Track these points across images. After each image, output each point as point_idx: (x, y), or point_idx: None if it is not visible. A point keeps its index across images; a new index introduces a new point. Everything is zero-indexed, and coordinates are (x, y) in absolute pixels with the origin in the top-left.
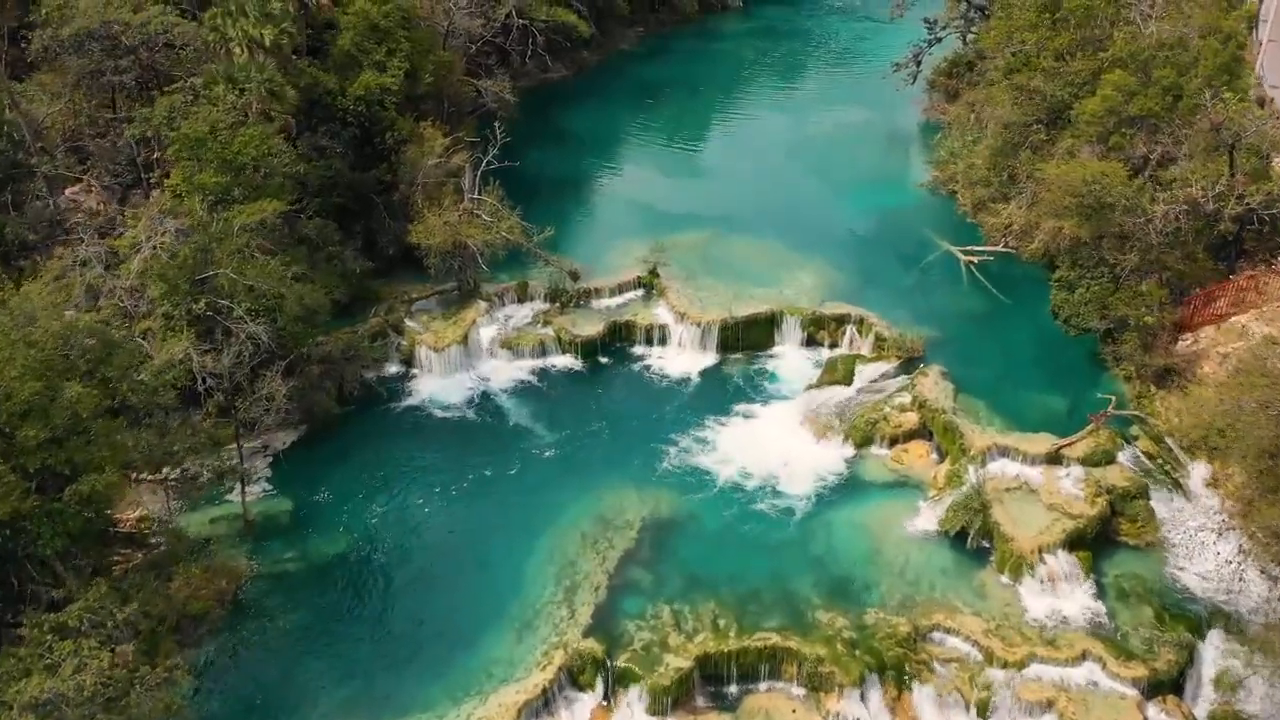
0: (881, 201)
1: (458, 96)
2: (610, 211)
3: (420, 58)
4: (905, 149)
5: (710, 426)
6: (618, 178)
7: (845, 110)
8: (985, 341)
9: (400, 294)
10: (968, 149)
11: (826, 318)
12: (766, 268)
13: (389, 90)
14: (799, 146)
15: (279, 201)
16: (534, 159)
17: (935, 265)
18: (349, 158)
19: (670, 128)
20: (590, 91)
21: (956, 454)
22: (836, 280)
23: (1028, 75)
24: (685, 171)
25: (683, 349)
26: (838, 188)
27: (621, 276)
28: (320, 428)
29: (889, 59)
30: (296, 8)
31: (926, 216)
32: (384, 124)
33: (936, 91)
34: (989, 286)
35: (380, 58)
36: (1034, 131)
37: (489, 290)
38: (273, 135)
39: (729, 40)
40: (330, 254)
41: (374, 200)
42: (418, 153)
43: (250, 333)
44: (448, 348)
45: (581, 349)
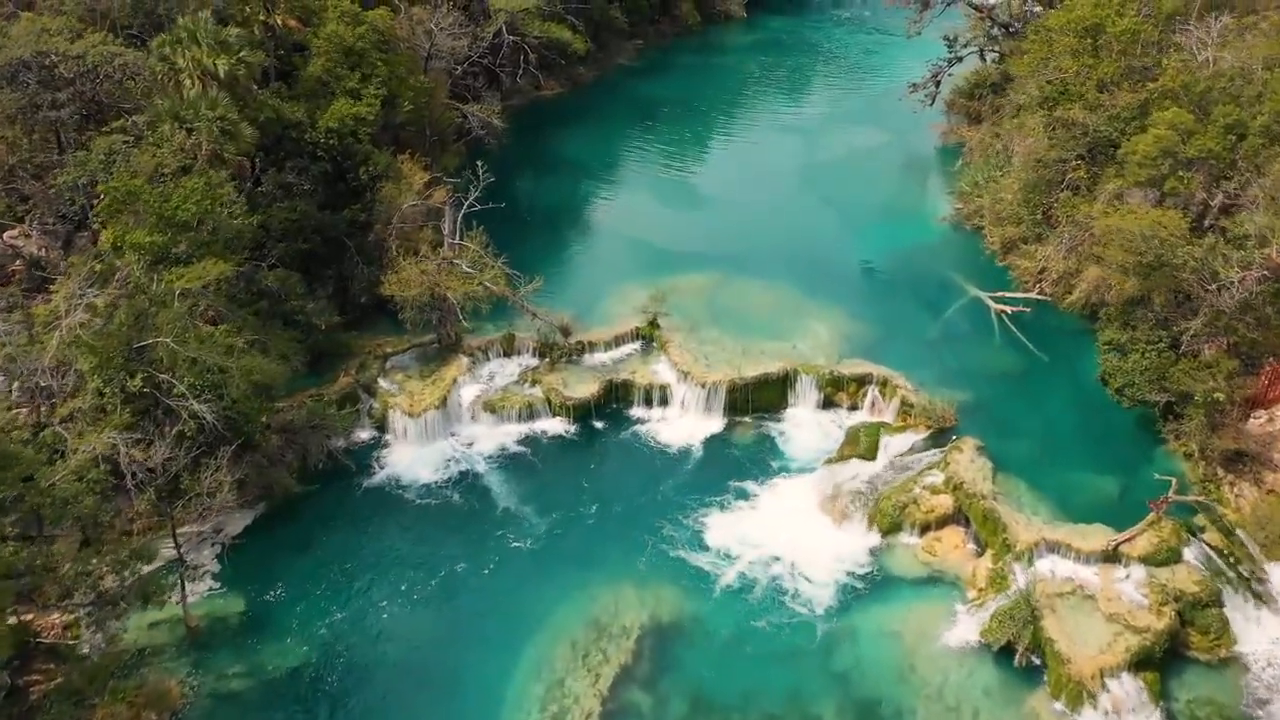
0: (900, 238)
1: (441, 123)
2: (606, 249)
3: (399, 84)
4: (923, 177)
5: (717, 507)
6: (614, 209)
7: (857, 132)
8: (1023, 407)
9: (374, 348)
10: (993, 180)
11: (845, 378)
12: (777, 316)
13: (363, 120)
14: (809, 173)
15: (225, 263)
16: (524, 188)
17: (963, 313)
18: (318, 196)
19: (670, 151)
20: (586, 110)
21: (999, 549)
22: (854, 331)
23: (1066, 106)
24: (687, 202)
25: (686, 411)
26: (852, 221)
27: (618, 327)
28: (281, 506)
29: (901, 76)
30: (262, 31)
31: (950, 256)
32: (358, 157)
33: (956, 113)
34: (1024, 340)
35: (354, 85)
36: (1073, 168)
37: (472, 343)
38: (222, 184)
39: (732, 54)
40: (293, 309)
41: (346, 243)
42: (394, 190)
43: (193, 412)
44: (425, 413)
45: (573, 412)
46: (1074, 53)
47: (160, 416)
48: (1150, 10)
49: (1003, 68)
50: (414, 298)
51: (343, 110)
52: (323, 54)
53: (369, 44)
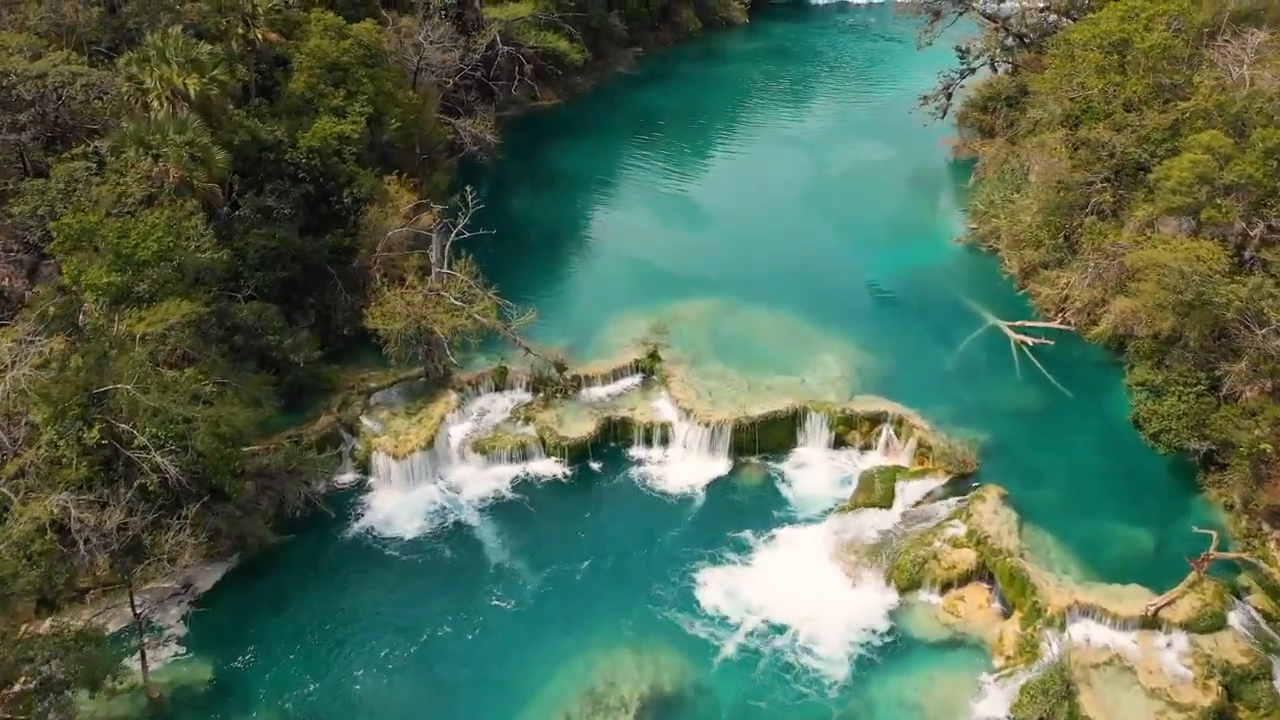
0: (912, 260)
1: (431, 140)
2: (604, 273)
3: (385, 100)
4: (934, 193)
5: (722, 562)
6: (612, 228)
7: (864, 145)
8: (1048, 449)
9: (357, 382)
10: (1008, 199)
11: (858, 416)
12: (784, 347)
13: (348, 139)
14: (815, 189)
15: (190, 303)
16: (518, 206)
17: (981, 344)
18: (299, 220)
19: (671, 165)
20: (583, 122)
21: (1029, 613)
22: (866, 364)
23: (1091, 126)
24: (688, 220)
25: (688, 452)
26: (861, 242)
27: (617, 360)
28: (255, 558)
29: (909, 85)
30: (241, 45)
31: (966, 280)
32: (341, 179)
33: (968, 127)
34: (1046, 374)
35: (339, 101)
36: (1098, 191)
37: (461, 378)
38: (189, 216)
39: (734, 62)
40: (269, 344)
41: (328, 271)
42: (379, 214)
43: (156, 465)
44: (410, 455)
45: (569, 453)
46: (1099, 69)
47: (120, 470)
48: (1181, 24)
49: (1018, 80)
50: (398, 332)
51: (325, 129)
52: (305, 70)
53: (354, 59)
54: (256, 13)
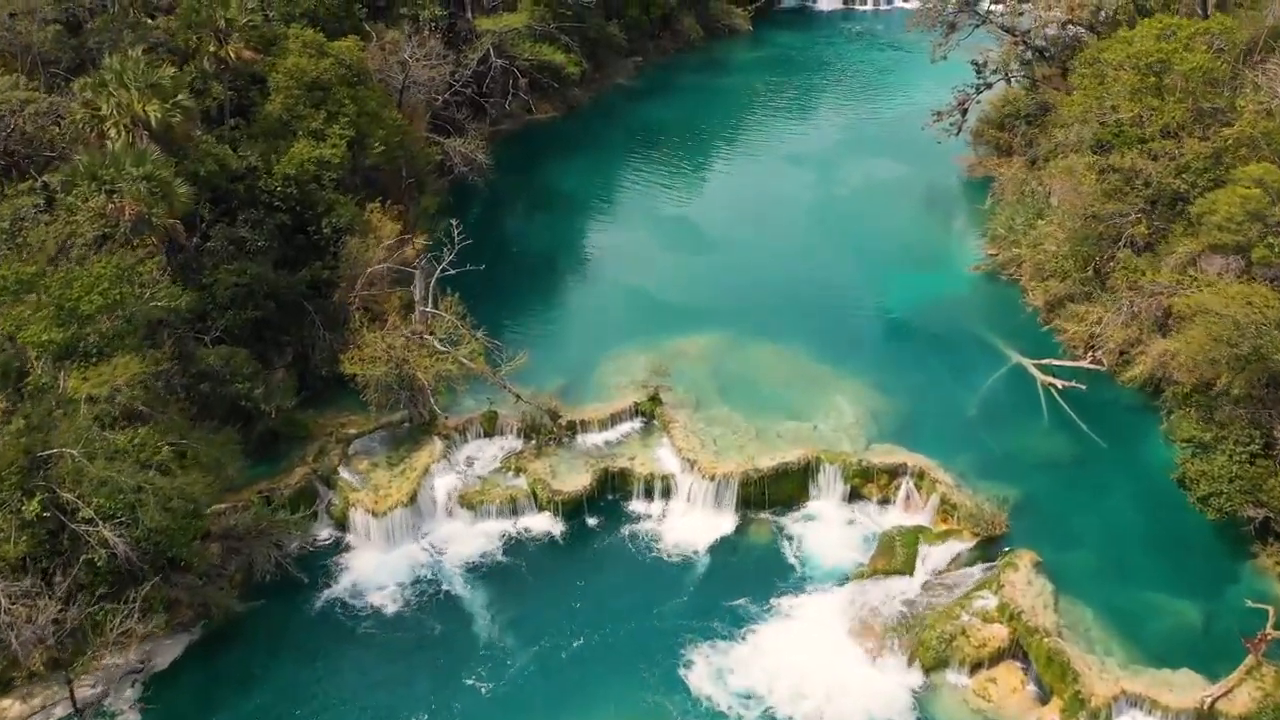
0: (928, 289)
1: (419, 161)
2: (600, 305)
3: (368, 121)
4: (949, 216)
5: (724, 637)
6: (610, 256)
7: (874, 163)
8: (1083, 507)
9: (336, 428)
10: (1030, 224)
11: (875, 468)
12: (794, 388)
13: (328, 165)
14: (823, 210)
15: (139, 363)
16: (510, 230)
17: (1005, 385)
18: (275, 252)
19: (671, 185)
20: (581, 138)
21: (1070, 703)
22: (882, 407)
23: (1123, 152)
24: (690, 245)
25: (692, 506)
26: (873, 268)
27: (615, 403)
28: (220, 628)
29: (919, 97)
30: (213, 64)
31: (986, 313)
32: (320, 207)
33: (983, 144)
34: (1076, 419)
35: (318, 124)
36: (1132, 223)
37: (447, 423)
38: (142, 260)
39: (737, 73)
40: (239, 392)
41: (305, 307)
42: (360, 246)
43: (103, 540)
44: (391, 511)
45: (563, 507)
46: (1134, 92)
47: (66, 544)
48: (1223, 43)
49: (1038, 97)
50: (378, 378)
51: (303, 154)
52: (283, 90)
53: (335, 78)
54: (230, 29)
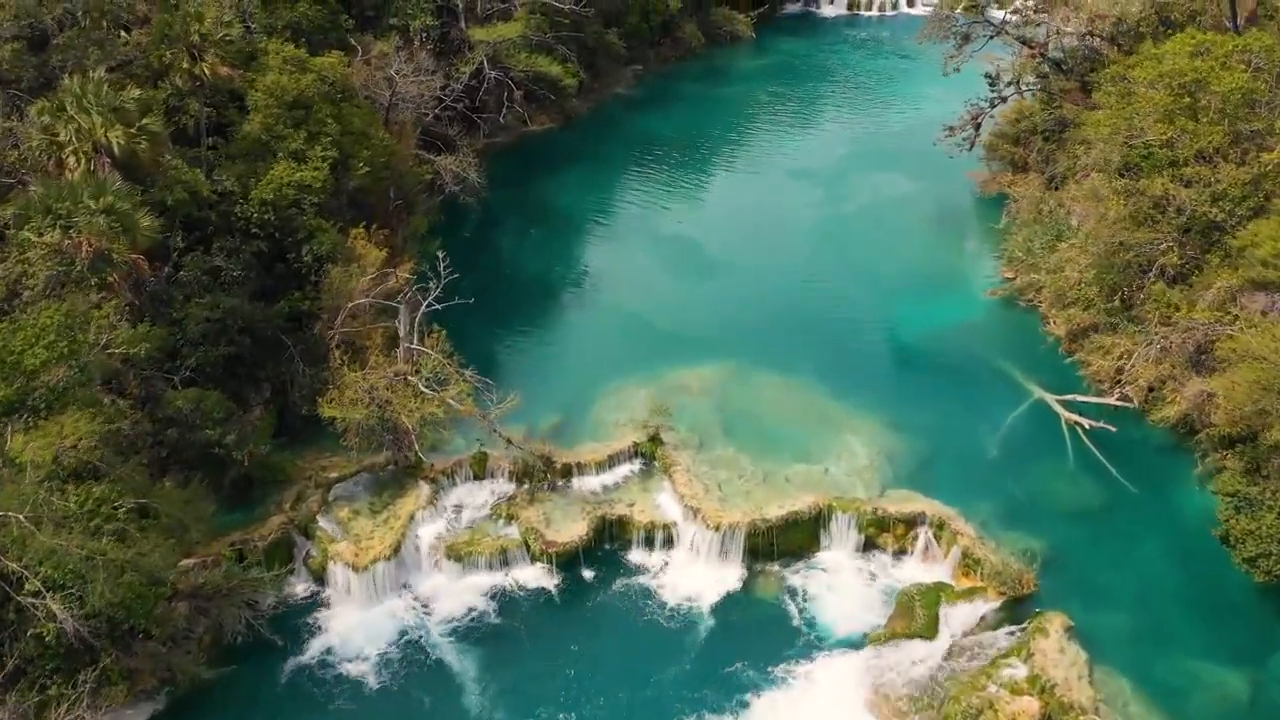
0: (942, 315)
1: (407, 181)
2: (597, 333)
3: (353, 142)
4: (962, 235)
5: (734, 705)
6: (607, 280)
7: (883, 178)
8: (1115, 562)
9: (315, 471)
10: (1049, 246)
11: (891, 517)
12: (803, 426)
13: (308, 188)
14: (831, 229)
15: (89, 422)
16: (502, 252)
17: (1027, 422)
18: (252, 282)
19: (672, 202)
20: (578, 151)
21: None
22: (897, 448)
23: (1154, 177)
24: (691, 267)
25: (695, 557)
26: (883, 292)
27: (613, 443)
28: (186, 696)
29: (929, 108)
30: (187, 81)
31: (1004, 342)
32: (300, 234)
33: (997, 160)
34: (1104, 461)
35: (299, 145)
36: (1164, 253)
37: (434, 465)
38: (97, 306)
39: (739, 82)
40: (209, 439)
41: (284, 341)
42: (342, 276)
43: (50, 613)
44: (373, 565)
45: (557, 559)
46: (1166, 114)
47: (12, 617)
48: (1262, 61)
49: (1056, 112)
50: (359, 422)
51: (283, 177)
52: (261, 109)
53: (317, 96)
54: (205, 44)
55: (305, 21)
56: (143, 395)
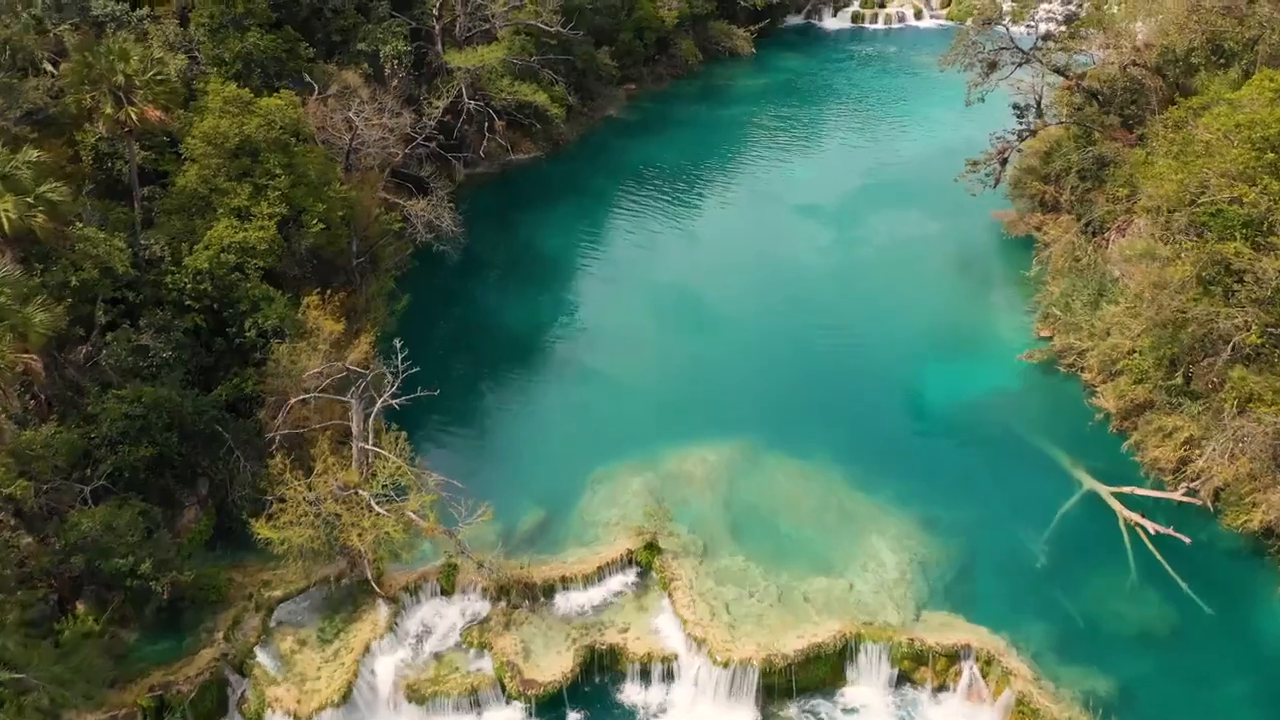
0: (972, 381)
1: (371, 233)
2: (585, 406)
3: (307, 193)
4: (989, 282)
5: None
6: (597, 339)
7: (899, 215)
8: (1193, 708)
9: (257, 587)
10: (1090, 302)
11: (930, 650)
12: (822, 526)
13: (252, 252)
14: (845, 277)
15: None
16: (478, 308)
17: (1079, 518)
18: (185, 364)
19: (669, 243)
20: (566, 183)
21: None
22: (931, 554)
23: (1227, 242)
24: (691, 322)
25: (701, 694)
26: (906, 353)
27: (603, 551)
28: None
29: (944, 134)
30: (112, 128)
31: (1044, 415)
32: (243, 305)
33: (1024, 197)
34: (1171, 571)
35: (242, 201)
36: (1240, 329)
37: (395, 579)
38: None
39: (739, 103)
40: (120, 569)
41: (221, 434)
42: (290, 354)
43: None
44: (318, 713)
45: (538, 700)
46: (1246, 174)
47: None
48: None
49: (1094, 149)
50: (302, 546)
51: (223, 238)
52: (199, 159)
53: (264, 142)
54: (132, 85)
55: (257, 52)
56: (45, 511)
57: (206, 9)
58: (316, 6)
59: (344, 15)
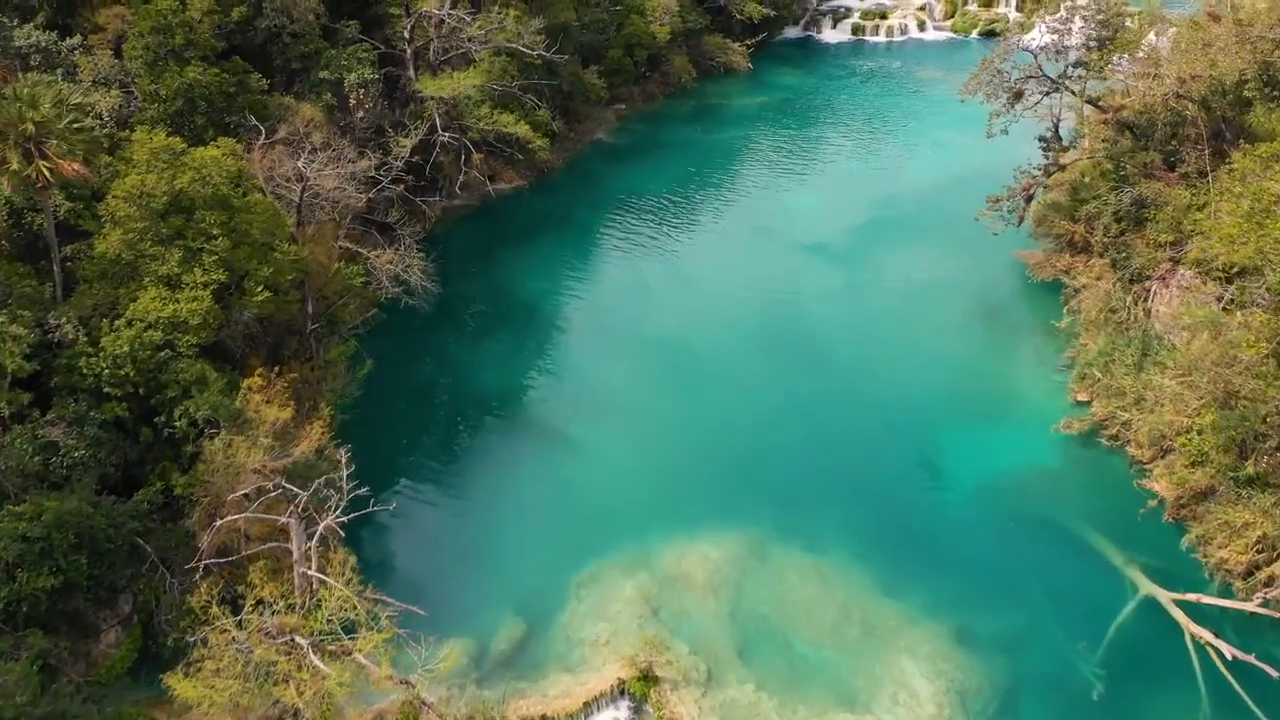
0: (1004, 455)
1: (327, 294)
2: (568, 493)
3: (250, 256)
4: (1016, 334)
5: None
6: (581, 405)
7: (913, 254)
8: None
9: None
10: (1134, 364)
11: None
12: (843, 643)
13: (184, 327)
14: (856, 328)
15: None
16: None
17: (1135, 631)
18: (103, 463)
19: (660, 288)
20: (550, 216)
21: None
22: (970, 678)
23: None
24: (685, 383)
25: None
26: (928, 420)
27: (590, 679)
28: None
29: (955, 160)
30: (16, 183)
31: (1088, 497)
32: (172, 389)
33: (1049, 236)
34: (1247, 699)
35: (172, 269)
36: None
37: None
38: None
39: (734, 125)
40: None
41: (143, 548)
42: (224, 450)
43: None
44: None
45: None
46: None
47: None
48: None
49: (1132, 190)
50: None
51: (149, 312)
52: (121, 222)
53: (199, 200)
54: (45, 134)
55: (199, 89)
56: None
57: (141, 39)
58: (274, 31)
59: (305, 40)
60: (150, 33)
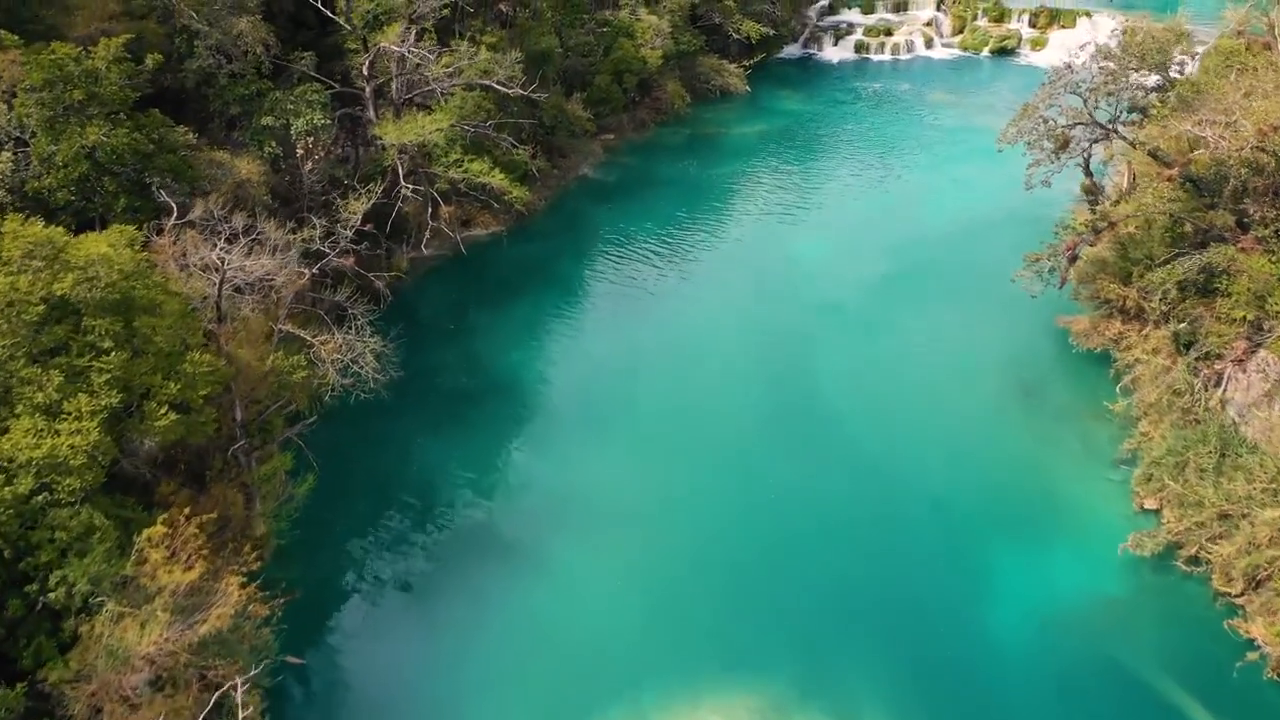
0: (1061, 583)
1: (260, 393)
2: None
3: (153, 369)
4: (1064, 420)
5: None
6: (557, 516)
7: (938, 317)
8: None
9: None
10: (1213, 467)
11: None
12: None
13: (63, 468)
14: (878, 413)
15: None
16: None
17: None
18: None
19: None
20: (530, 269)
21: None
22: None
23: None
24: (680, 485)
25: None
26: (968, 530)
27: None
28: None
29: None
30: None
31: (1167, 643)
32: (47, 552)
33: (1096, 301)
34: None
35: (50, 395)
36: None
37: None
38: None
39: (732, 158)
40: None
41: None
42: (111, 628)
43: None
44: None
45: None
46: None
47: None
48: None
49: (1205, 257)
50: None
51: (19, 451)
52: None
53: (88, 304)
54: None
55: (106, 150)
56: None
57: (33, 94)
58: (208, 73)
59: (245, 82)
60: (44, 86)
